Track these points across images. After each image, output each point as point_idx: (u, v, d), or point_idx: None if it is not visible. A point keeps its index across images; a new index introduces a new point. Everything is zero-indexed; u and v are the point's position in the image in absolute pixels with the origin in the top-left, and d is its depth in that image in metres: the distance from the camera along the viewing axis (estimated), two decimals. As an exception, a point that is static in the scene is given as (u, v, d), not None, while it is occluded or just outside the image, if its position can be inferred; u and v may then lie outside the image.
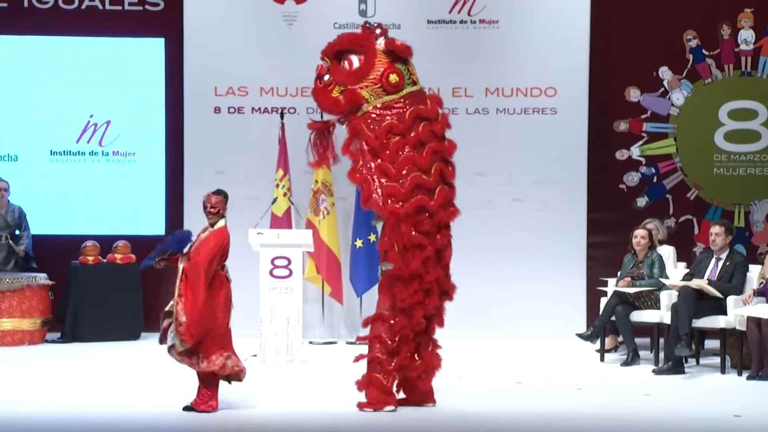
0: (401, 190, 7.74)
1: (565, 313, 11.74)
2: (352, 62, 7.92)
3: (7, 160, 12.07)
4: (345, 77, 7.87)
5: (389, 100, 7.88)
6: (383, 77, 7.86)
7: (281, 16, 11.97)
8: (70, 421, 7.66)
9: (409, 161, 7.79)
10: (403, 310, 7.83)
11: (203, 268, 7.63)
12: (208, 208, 7.88)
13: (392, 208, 7.74)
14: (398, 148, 7.80)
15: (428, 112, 7.95)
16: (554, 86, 12.00)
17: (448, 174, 7.98)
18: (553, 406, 8.23)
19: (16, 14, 11.95)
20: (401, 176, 7.76)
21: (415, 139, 7.84)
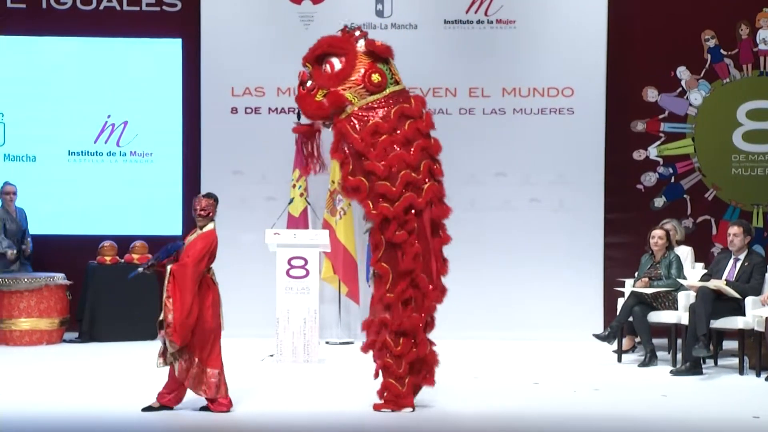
0: (393, 189, 7.75)
1: (582, 314, 11.71)
2: (333, 65, 7.93)
3: (25, 160, 12.12)
4: (327, 80, 7.89)
5: (373, 101, 7.90)
6: (365, 78, 7.89)
7: (298, 16, 11.98)
8: (87, 421, 7.68)
9: (399, 159, 7.80)
10: (393, 306, 7.81)
11: (191, 269, 7.65)
12: (198, 211, 7.91)
13: (382, 208, 7.76)
14: (386, 146, 7.82)
15: (412, 110, 7.97)
16: (571, 86, 11.97)
17: (436, 171, 7.99)
18: (570, 407, 8.21)
19: (35, 15, 12.00)
20: (391, 174, 7.77)
21: (402, 137, 7.86)
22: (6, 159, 12.10)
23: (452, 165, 11.76)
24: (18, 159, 12.10)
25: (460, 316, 11.71)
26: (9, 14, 12.00)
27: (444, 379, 9.26)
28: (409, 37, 11.96)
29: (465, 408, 8.15)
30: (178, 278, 7.66)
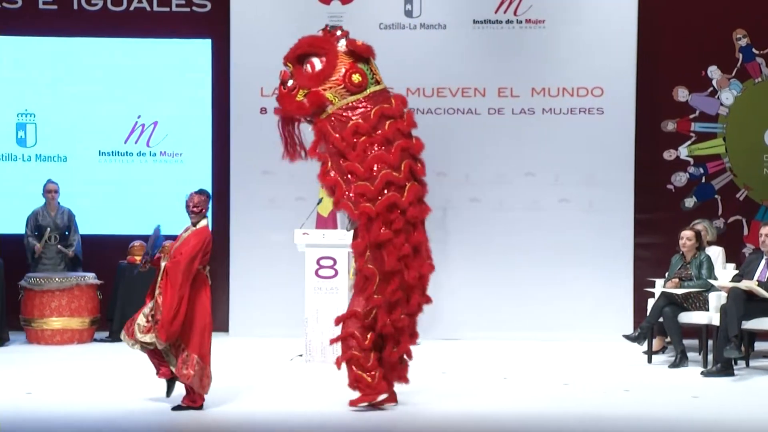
0: (372, 189, 7.72)
1: (611, 314, 11.66)
2: (314, 65, 7.92)
3: (56, 160, 12.21)
4: (308, 80, 7.88)
5: (353, 101, 7.89)
6: (346, 77, 7.88)
7: (327, 16, 11.98)
8: (116, 420, 7.72)
9: (378, 159, 7.77)
10: (380, 307, 7.77)
11: (183, 267, 7.66)
12: (190, 208, 7.93)
13: (364, 208, 7.73)
14: (365, 147, 7.79)
15: (393, 110, 7.95)
16: (601, 86, 11.92)
17: (417, 170, 7.95)
18: (600, 408, 8.17)
19: (66, 16, 12.08)
20: (371, 175, 7.74)
21: (382, 137, 7.83)
22: (38, 159, 12.19)
23: (481, 165, 11.93)
24: (49, 159, 12.19)
25: (489, 316, 11.73)
26: (41, 15, 12.08)
27: (473, 380, 9.27)
28: (438, 37, 11.96)
29: (494, 408, 8.13)
30: (171, 276, 7.68)
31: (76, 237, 11.67)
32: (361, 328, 7.84)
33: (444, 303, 11.81)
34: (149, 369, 9.57)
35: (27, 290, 11.24)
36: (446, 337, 11.67)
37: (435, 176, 11.72)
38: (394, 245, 7.73)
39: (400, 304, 7.82)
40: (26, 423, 7.60)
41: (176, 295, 7.61)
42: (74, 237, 11.66)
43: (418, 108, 11.81)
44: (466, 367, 9.97)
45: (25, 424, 7.59)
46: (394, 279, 7.75)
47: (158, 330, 7.64)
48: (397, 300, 7.79)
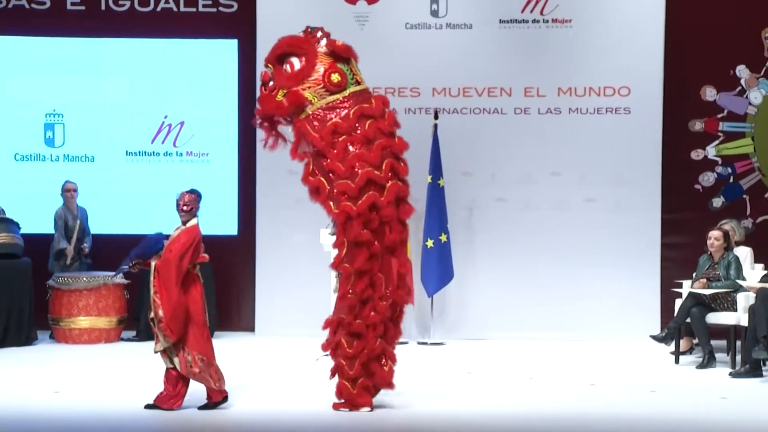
0: (353, 187, 7.70)
1: (638, 315, 11.61)
2: (293, 64, 7.92)
3: (84, 160, 12.27)
4: (287, 80, 7.88)
5: (332, 101, 7.88)
6: (325, 77, 7.86)
7: (353, 16, 12.00)
8: (144, 418, 7.75)
9: (359, 157, 7.75)
10: (352, 307, 7.76)
11: (174, 264, 7.69)
12: (180, 206, 7.94)
13: (344, 207, 7.71)
14: (345, 146, 7.78)
15: (372, 110, 7.93)
16: (628, 85, 11.86)
17: (400, 170, 7.93)
18: (627, 409, 8.14)
19: (94, 17, 12.14)
20: (352, 173, 7.73)
21: (362, 137, 7.81)
22: (66, 159, 12.26)
23: (507, 165, 11.90)
24: (77, 159, 12.26)
25: (515, 317, 11.71)
26: (69, 16, 12.15)
27: (499, 380, 9.25)
28: (464, 36, 11.94)
29: (520, 409, 8.11)
30: (162, 274, 7.70)
31: (88, 236, 11.76)
32: (347, 335, 7.83)
33: (470, 303, 11.84)
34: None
35: (55, 289, 11.31)
36: (472, 337, 11.66)
37: (461, 176, 11.84)
38: (366, 245, 7.73)
39: (371, 301, 7.79)
40: (54, 422, 7.65)
41: (172, 291, 7.65)
42: (88, 235, 11.75)
43: (444, 108, 11.84)
44: (492, 368, 9.95)
45: (53, 422, 7.64)
46: (364, 277, 7.74)
47: (164, 329, 7.66)
48: (367, 298, 7.77)
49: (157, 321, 7.71)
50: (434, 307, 11.57)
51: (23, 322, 11.09)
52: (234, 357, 9.35)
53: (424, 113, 11.89)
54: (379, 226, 7.76)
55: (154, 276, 7.75)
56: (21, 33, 12.12)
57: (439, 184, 11.45)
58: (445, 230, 11.44)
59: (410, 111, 11.93)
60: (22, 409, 7.94)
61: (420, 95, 11.97)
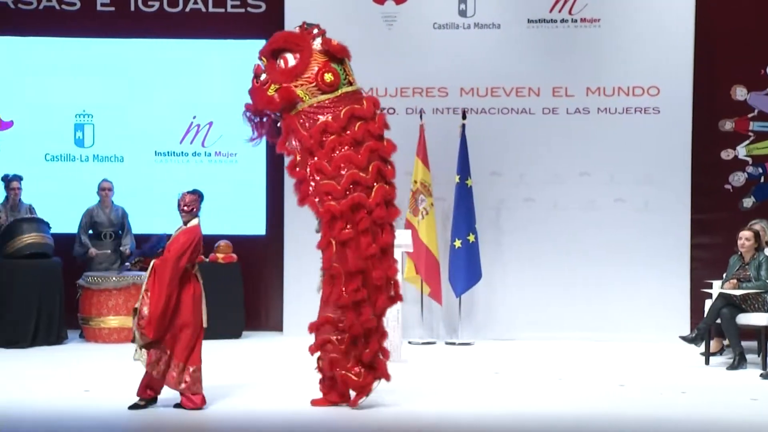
0: (338, 188, 7.71)
1: (668, 315, 11.55)
2: (287, 60, 7.93)
3: (113, 160, 12.34)
4: (279, 75, 7.88)
5: (324, 100, 7.88)
6: (318, 76, 7.87)
7: (381, 16, 12.00)
8: (173, 416, 7.78)
9: (345, 159, 7.76)
10: (347, 307, 7.76)
11: (171, 264, 7.69)
12: (182, 207, 7.95)
13: (328, 206, 7.72)
14: (333, 146, 7.78)
15: (363, 111, 7.91)
16: (657, 85, 11.80)
17: (387, 172, 7.93)
18: (657, 410, 8.10)
19: (123, 17, 12.21)
20: (338, 174, 7.74)
21: (351, 138, 7.81)
22: (95, 159, 12.33)
23: (535, 165, 11.87)
24: (107, 159, 12.33)
25: (543, 317, 11.68)
26: (99, 17, 12.22)
27: (528, 380, 9.23)
28: (493, 36, 11.92)
29: (549, 409, 8.08)
30: (158, 273, 7.71)
31: (129, 236, 11.78)
32: (335, 332, 7.83)
33: (498, 303, 11.81)
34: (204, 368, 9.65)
35: (85, 289, 11.38)
36: (500, 338, 11.64)
37: (489, 176, 11.82)
38: (359, 245, 7.74)
39: (368, 304, 7.79)
40: (84, 420, 7.70)
41: (164, 292, 7.64)
42: (128, 236, 11.77)
43: (472, 108, 11.82)
44: (520, 368, 9.92)
45: (83, 421, 7.68)
46: (356, 278, 7.75)
47: (144, 326, 7.66)
48: (362, 299, 7.77)
49: (139, 317, 7.71)
50: (462, 308, 11.56)
51: (53, 321, 11.16)
52: (262, 357, 9.38)
53: (451, 113, 11.88)
54: (371, 227, 7.78)
55: (150, 274, 7.76)
56: (51, 34, 12.20)
57: (467, 184, 11.44)
58: (473, 230, 11.42)
59: (438, 111, 11.92)
60: (53, 407, 8.00)
61: (448, 95, 11.95)
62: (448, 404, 8.21)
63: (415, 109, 11.80)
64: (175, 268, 7.71)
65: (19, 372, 9.53)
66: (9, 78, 12.24)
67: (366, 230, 7.77)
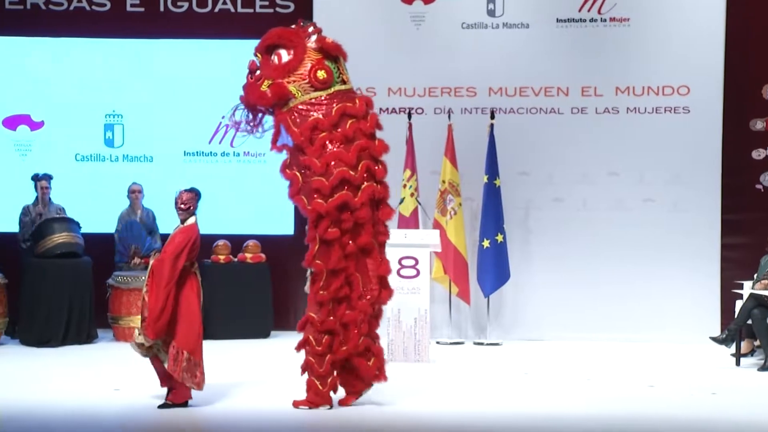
0: (326, 185, 7.72)
1: (698, 316, 11.49)
2: (281, 56, 7.96)
3: (143, 160, 12.40)
4: (273, 70, 7.91)
5: (316, 97, 7.89)
6: (311, 73, 7.88)
7: (409, 16, 12.00)
8: (201, 416, 7.81)
9: (335, 156, 7.77)
10: (323, 304, 7.80)
11: (168, 264, 7.70)
12: (179, 205, 7.97)
13: (315, 204, 7.74)
14: (323, 143, 7.80)
15: (356, 109, 7.93)
16: (687, 84, 11.74)
17: (377, 172, 7.93)
18: (687, 410, 8.07)
19: (153, 18, 12.26)
20: (327, 171, 7.74)
21: (342, 135, 7.82)
22: (125, 159, 12.39)
23: (564, 164, 11.83)
24: (136, 159, 12.39)
25: (571, 317, 11.64)
26: (128, 17, 12.29)
27: (556, 381, 9.20)
28: (521, 36, 11.88)
29: (578, 410, 8.06)
30: (156, 273, 7.72)
31: (158, 236, 11.84)
32: (315, 332, 7.86)
33: (526, 303, 11.78)
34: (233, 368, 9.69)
35: (114, 288, 11.44)
36: (528, 338, 11.61)
37: (517, 176, 11.79)
38: (342, 244, 7.77)
39: (346, 300, 7.83)
40: (114, 419, 7.74)
41: (162, 292, 7.66)
42: (157, 237, 11.83)
43: (501, 108, 11.79)
44: (549, 368, 9.90)
45: (113, 419, 7.73)
46: (339, 276, 7.78)
47: (145, 327, 7.69)
48: (343, 297, 7.81)
49: (141, 319, 7.76)
50: (490, 308, 11.54)
51: (84, 320, 11.23)
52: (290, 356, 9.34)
53: (480, 113, 11.86)
54: (353, 226, 7.80)
55: (148, 275, 7.78)
56: (82, 35, 12.27)
57: (495, 184, 11.41)
58: (501, 230, 11.39)
59: (466, 111, 11.91)
60: (83, 406, 8.05)
61: (476, 95, 11.93)
62: (477, 404, 8.20)
63: (444, 109, 11.78)
64: (173, 267, 7.72)
65: (51, 370, 9.61)
66: (40, 78, 12.32)
67: (348, 230, 7.81)
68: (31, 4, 12.29)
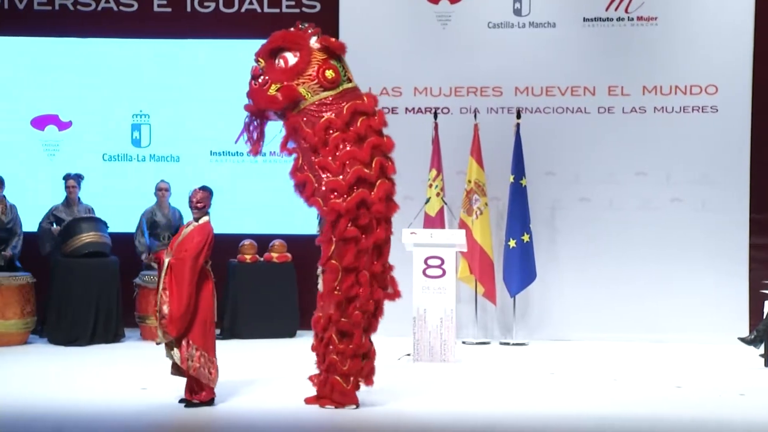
0: (343, 184, 7.73)
1: (726, 316, 11.42)
2: (287, 59, 7.92)
3: (170, 160, 12.45)
4: (281, 74, 7.88)
5: (326, 97, 7.87)
6: (319, 73, 7.87)
7: (435, 16, 11.99)
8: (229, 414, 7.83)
9: (350, 155, 7.78)
10: (341, 304, 7.81)
11: (189, 264, 7.74)
12: (194, 203, 8.00)
13: (333, 204, 7.74)
14: (338, 143, 7.80)
15: (365, 106, 7.94)
16: (715, 83, 11.67)
17: (388, 168, 7.94)
18: (715, 412, 8.01)
19: (179, 18, 12.31)
20: (343, 170, 7.75)
21: (354, 134, 7.82)
22: (152, 159, 12.45)
23: (590, 164, 11.79)
24: (163, 159, 12.44)
25: (598, 317, 11.60)
26: (155, 18, 12.35)
27: (583, 381, 9.17)
28: (548, 35, 11.85)
29: (605, 410, 8.02)
30: (176, 271, 7.76)
31: None
32: (336, 332, 7.87)
33: (552, 303, 11.75)
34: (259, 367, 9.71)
35: (141, 288, 11.49)
36: (555, 338, 11.58)
37: (544, 176, 11.76)
38: (358, 241, 7.79)
39: (358, 299, 7.84)
40: (142, 418, 7.77)
41: (185, 291, 7.71)
42: None
43: (527, 107, 11.76)
44: (575, 368, 9.86)
45: (141, 418, 7.76)
46: (351, 275, 7.80)
47: (166, 324, 7.73)
48: (355, 295, 7.82)
49: (160, 317, 7.78)
50: (517, 308, 11.51)
51: (111, 319, 11.29)
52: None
53: (506, 112, 11.83)
54: (368, 223, 7.83)
55: (165, 272, 7.81)
56: (109, 35, 12.33)
57: (521, 183, 11.39)
58: (527, 230, 11.37)
59: (492, 110, 11.89)
60: (110, 405, 8.09)
61: (502, 94, 11.91)
62: (502, 404, 8.18)
63: (470, 109, 11.77)
64: (194, 267, 7.80)
65: (78, 369, 9.66)
66: (68, 79, 12.40)
67: (363, 227, 7.84)
68: (59, 5, 12.37)
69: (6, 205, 11.49)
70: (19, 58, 12.42)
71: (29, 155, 12.40)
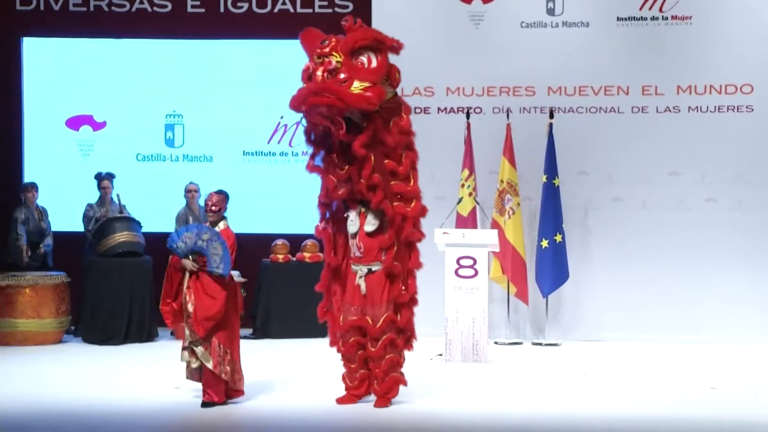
0: (408, 188, 7.81)
1: (761, 317, 11.33)
2: (371, 59, 7.78)
3: (203, 160, 12.51)
4: (369, 74, 7.66)
5: (390, 98, 7.85)
6: (392, 74, 7.84)
7: (468, 16, 11.97)
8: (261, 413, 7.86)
9: (412, 160, 7.87)
10: (406, 305, 7.89)
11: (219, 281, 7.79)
12: (209, 207, 8.00)
13: (399, 208, 7.76)
14: (405, 146, 7.87)
15: (409, 109, 8.03)
16: (750, 83, 11.58)
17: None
18: (750, 414, 7.94)
19: (213, 19, 12.38)
20: (409, 174, 7.84)
21: (413, 137, 7.92)
22: (185, 159, 12.51)
23: (624, 164, 11.74)
24: (196, 159, 12.50)
25: (632, 317, 11.55)
26: (189, 18, 12.41)
27: (616, 382, 9.13)
28: (581, 35, 11.80)
29: (638, 411, 7.98)
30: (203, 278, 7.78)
31: None
32: (396, 331, 7.94)
33: (585, 303, 11.70)
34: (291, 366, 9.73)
35: (174, 287, 11.53)
36: (588, 338, 11.52)
37: (576, 175, 11.71)
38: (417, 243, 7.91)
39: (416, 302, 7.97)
40: (174, 416, 7.82)
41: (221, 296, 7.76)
42: None
43: (560, 107, 11.72)
44: (608, 369, 9.82)
45: (174, 417, 7.80)
46: (414, 276, 7.91)
47: (194, 324, 7.75)
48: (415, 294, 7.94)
49: (186, 316, 7.80)
50: (549, 308, 11.47)
51: (144, 319, 11.36)
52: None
53: (539, 112, 11.80)
54: None
55: (190, 276, 7.83)
56: (143, 35, 12.42)
57: (554, 183, 11.34)
58: (560, 230, 11.32)
59: (525, 110, 11.85)
60: (144, 404, 8.14)
61: (535, 94, 11.87)
62: (535, 405, 8.16)
63: (502, 108, 11.74)
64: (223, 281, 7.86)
65: (112, 368, 9.73)
66: (102, 80, 12.49)
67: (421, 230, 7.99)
68: (94, 6, 12.46)
69: (40, 210, 11.67)
70: (54, 58, 12.52)
71: (64, 155, 12.50)
